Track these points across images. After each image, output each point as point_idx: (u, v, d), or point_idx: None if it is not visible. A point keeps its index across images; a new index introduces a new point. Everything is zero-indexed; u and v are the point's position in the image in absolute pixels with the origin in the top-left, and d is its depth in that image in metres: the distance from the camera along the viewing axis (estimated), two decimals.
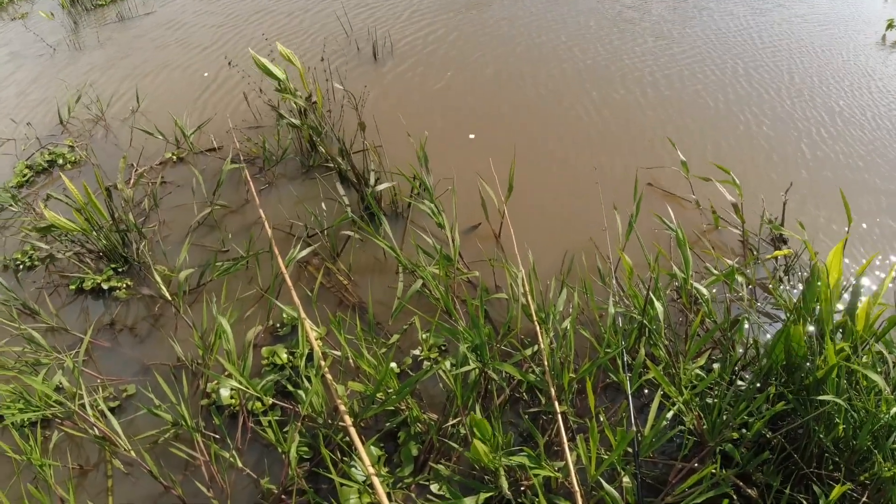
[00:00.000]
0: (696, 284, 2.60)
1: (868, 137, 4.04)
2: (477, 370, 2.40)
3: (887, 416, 2.04)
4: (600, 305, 2.82)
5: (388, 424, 2.56)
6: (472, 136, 3.91)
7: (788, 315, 2.47)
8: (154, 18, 6.78)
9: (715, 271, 3.00)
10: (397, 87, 4.53)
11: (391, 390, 2.45)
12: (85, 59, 6.12)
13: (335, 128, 3.80)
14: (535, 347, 2.62)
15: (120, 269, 3.44)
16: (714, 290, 2.96)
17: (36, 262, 3.66)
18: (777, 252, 3.15)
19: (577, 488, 2.15)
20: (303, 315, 2.78)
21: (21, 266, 3.66)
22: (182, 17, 6.65)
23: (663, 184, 3.65)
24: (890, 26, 5.70)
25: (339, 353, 2.69)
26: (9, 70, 6.16)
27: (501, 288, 3.01)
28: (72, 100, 4.96)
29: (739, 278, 2.91)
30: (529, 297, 2.71)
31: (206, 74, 5.11)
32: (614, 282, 2.96)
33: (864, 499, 2.09)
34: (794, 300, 2.90)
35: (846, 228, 2.82)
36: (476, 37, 5.33)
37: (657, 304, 2.48)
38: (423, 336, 2.80)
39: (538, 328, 2.61)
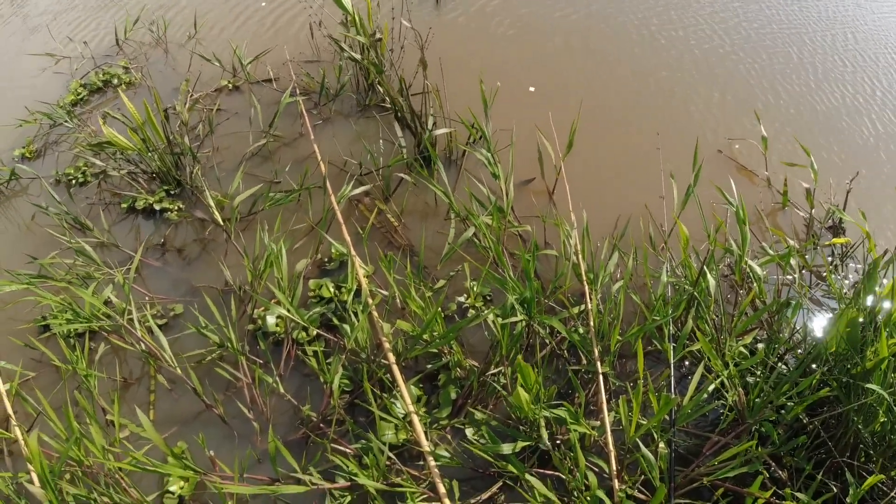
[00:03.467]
0: (750, 262, 2.55)
1: None
2: (523, 321, 2.41)
3: None
4: (652, 273, 2.78)
5: (429, 366, 2.59)
6: (532, 89, 3.83)
7: (843, 304, 2.42)
8: None
9: (770, 251, 2.94)
10: (458, 33, 4.43)
11: (436, 333, 2.47)
12: None
13: (395, 67, 3.74)
14: (582, 307, 2.61)
15: (172, 192, 3.49)
16: (767, 272, 2.91)
17: (89, 178, 3.72)
18: (835, 239, 3.07)
19: (611, 448, 2.17)
20: (352, 252, 2.80)
21: (74, 181, 3.72)
22: None
23: (736, 156, 3.56)
24: None
25: (386, 293, 2.71)
26: None
27: (552, 245, 2.98)
28: (129, 21, 4.95)
29: (794, 262, 2.85)
30: (580, 257, 2.69)
31: (263, 4, 5.03)
32: (668, 251, 2.92)
33: (893, 493, 2.09)
34: (847, 290, 2.85)
35: None
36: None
37: (710, 277, 2.44)
38: (471, 284, 2.80)
39: (586, 288, 2.59)
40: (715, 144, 3.59)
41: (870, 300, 2.29)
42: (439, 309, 2.35)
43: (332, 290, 2.84)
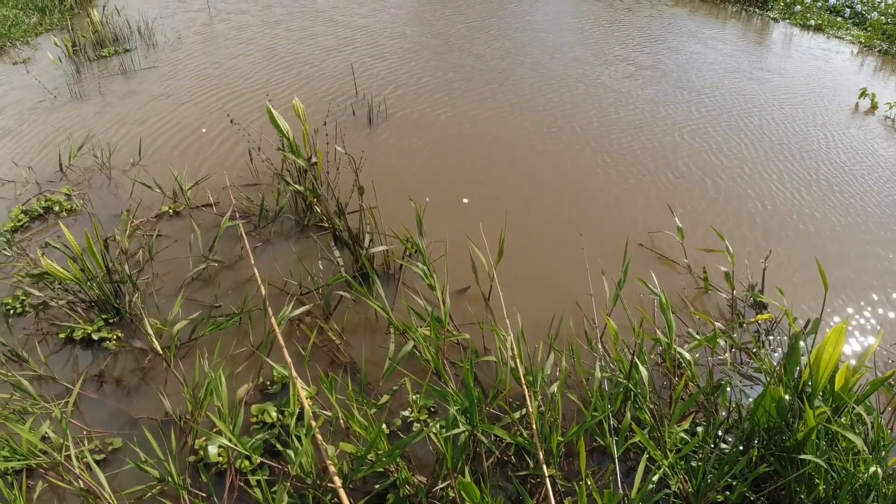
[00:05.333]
0: (679, 349, 2.70)
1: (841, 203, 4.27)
2: (466, 432, 2.44)
3: (866, 476, 2.11)
4: (587, 369, 2.89)
5: (377, 486, 2.57)
6: (465, 201, 4.05)
7: (769, 379, 2.57)
8: (156, 73, 6.97)
9: (697, 336, 3.10)
10: (391, 152, 4.70)
11: (381, 452, 2.47)
12: (86, 108, 6.25)
13: (331, 188, 3.91)
14: (524, 410, 2.67)
15: (111, 320, 3.46)
16: (698, 355, 3.06)
17: (27, 309, 3.66)
18: (759, 316, 3.28)
19: None
20: (294, 374, 2.82)
21: (11, 311, 3.65)
22: (183, 74, 6.84)
23: (655, 246, 3.80)
24: (862, 95, 6.06)
25: (329, 414, 2.71)
26: (10, 114, 6.27)
27: (490, 350, 3.07)
28: (73, 147, 5.05)
29: (722, 342, 3.02)
30: (518, 361, 2.78)
31: (203, 130, 5.24)
32: (600, 346, 3.05)
33: None
34: (775, 364, 3.01)
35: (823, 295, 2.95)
36: (470, 105, 5.57)
37: (642, 369, 2.56)
38: (414, 397, 2.83)
39: (526, 391, 2.66)
40: (637, 240, 3.84)
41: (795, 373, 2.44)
42: (383, 426, 2.37)
43: (274, 414, 2.82)
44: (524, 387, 2.69)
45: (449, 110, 5.39)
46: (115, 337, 3.35)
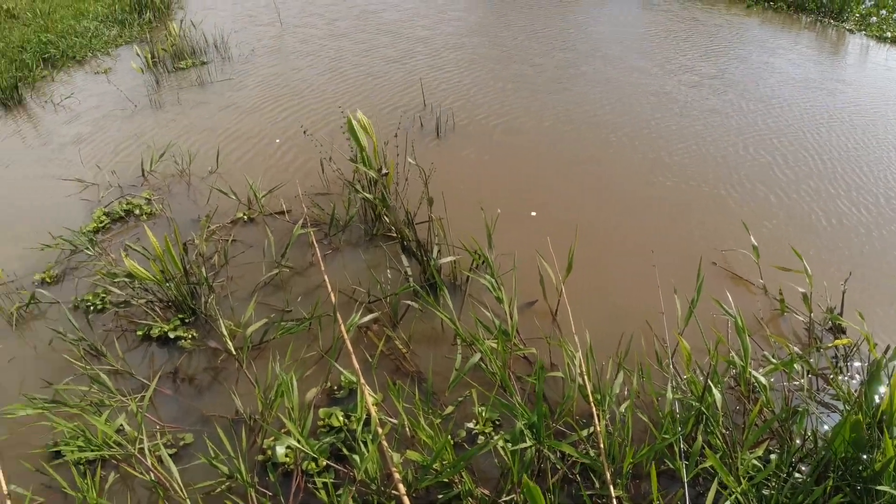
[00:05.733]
0: (754, 373, 2.60)
1: None
2: (533, 447, 2.42)
3: None
4: (657, 390, 2.82)
5: (440, 497, 2.57)
6: (533, 214, 4.04)
7: (847, 407, 2.45)
8: (231, 85, 7.26)
9: (773, 360, 2.99)
10: (459, 163, 4.75)
11: (446, 462, 2.48)
12: (165, 117, 6.57)
13: (401, 199, 3.98)
14: (591, 429, 2.62)
15: (187, 320, 3.60)
16: (773, 379, 2.94)
17: (107, 306, 3.85)
18: (837, 341, 3.13)
19: None
20: (361, 380, 2.86)
21: (91, 308, 3.85)
22: (256, 86, 7.10)
23: (728, 264, 3.70)
24: None
25: (395, 421, 2.74)
26: (92, 120, 6.65)
27: (557, 366, 3.04)
28: (155, 154, 5.31)
29: (799, 367, 2.89)
30: (586, 378, 2.74)
31: (277, 141, 5.43)
32: (672, 366, 2.97)
33: None
34: (853, 392, 2.87)
35: None
36: (534, 116, 5.56)
37: (715, 392, 2.49)
38: (479, 409, 2.83)
39: (594, 409, 2.62)
40: (709, 257, 3.74)
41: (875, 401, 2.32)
42: (448, 437, 2.38)
43: (341, 419, 2.87)
44: (592, 405, 2.65)
45: (513, 121, 5.41)
46: (190, 336, 3.48)
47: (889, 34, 9.04)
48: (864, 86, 6.88)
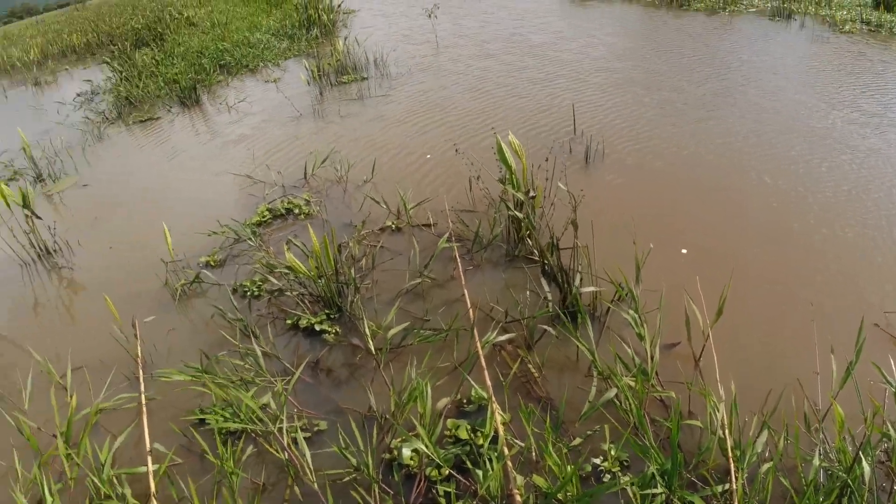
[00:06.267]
0: None
1: None
2: (663, 495, 2.32)
3: None
4: (803, 454, 2.61)
5: None
6: (684, 251, 3.90)
7: None
8: (388, 101, 7.72)
9: None
10: (608, 192, 4.69)
11: (570, 493, 2.44)
12: (325, 126, 7.11)
13: (547, 222, 4.00)
14: (727, 485, 2.47)
15: (333, 316, 3.85)
16: None
17: (262, 293, 4.21)
18: None
19: None
20: (492, 398, 2.90)
21: (248, 293, 4.23)
22: (411, 103, 7.49)
23: (893, 328, 3.34)
24: None
25: (522, 444, 2.75)
26: (261, 124, 7.34)
27: (695, 414, 2.90)
28: (318, 160, 5.77)
29: None
30: (727, 431, 2.59)
31: (428, 156, 5.69)
32: (821, 432, 2.73)
33: None
34: None
35: None
36: (688, 147, 5.35)
37: (865, 465, 2.26)
38: (609, 446, 2.76)
39: (732, 466, 2.46)
40: (871, 317, 3.39)
41: None
42: (576, 469, 2.35)
43: (468, 432, 2.92)
44: (731, 461, 2.49)
45: (665, 151, 5.23)
46: (334, 331, 3.72)
47: None
48: None
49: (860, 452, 2.25)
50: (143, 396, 3.36)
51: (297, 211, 5.12)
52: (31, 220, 5.33)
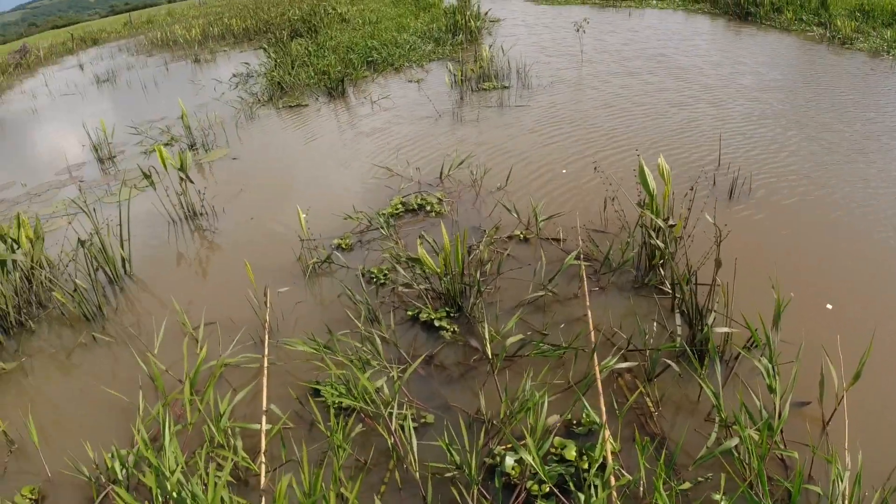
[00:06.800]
0: None
1: None
2: None
3: None
4: None
5: None
6: (829, 307, 3.63)
7: None
8: (528, 111, 7.77)
9: None
10: (752, 231, 4.45)
11: None
12: (463, 130, 7.28)
13: (685, 255, 3.87)
14: None
15: (453, 314, 3.96)
16: None
17: (387, 282, 4.41)
18: None
19: None
20: (605, 424, 2.87)
21: (374, 280, 4.44)
22: (550, 116, 7.49)
23: None
24: None
25: (631, 478, 2.69)
26: (403, 120, 7.64)
27: (815, 480, 2.71)
28: (455, 162, 5.95)
29: None
30: (847, 502, 2.40)
31: (564, 171, 5.68)
32: None
33: None
34: None
35: None
36: (842, 191, 4.95)
37: None
38: (720, 497, 2.65)
39: None
40: None
41: None
42: None
43: (574, 453, 2.90)
44: None
45: (825, 198, 4.86)
46: (452, 329, 3.82)
47: None
48: None
49: None
50: (265, 359, 3.65)
51: (429, 208, 5.31)
52: (185, 184, 5.93)
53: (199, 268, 5.25)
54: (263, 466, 2.95)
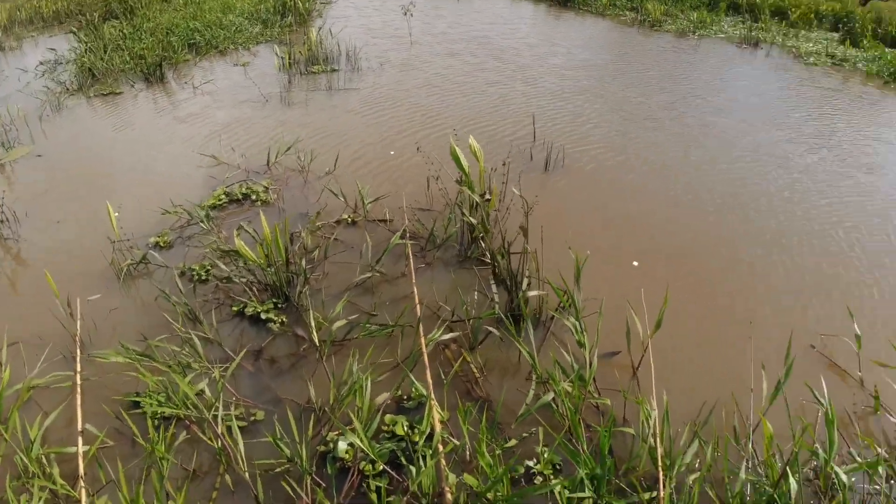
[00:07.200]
0: (836, 468, 2.44)
1: None
2: (591, 500, 2.37)
3: None
4: (731, 467, 2.69)
5: None
6: (635, 264, 3.98)
7: None
8: (358, 95, 7.65)
9: (858, 458, 2.78)
10: (564, 199, 4.75)
11: (500, 493, 2.47)
12: (290, 113, 7.01)
13: (500, 227, 4.03)
14: (654, 493, 2.53)
15: (280, 305, 3.80)
16: (854, 479, 2.74)
17: (209, 278, 4.13)
18: None
19: None
20: (432, 395, 2.91)
21: (195, 277, 4.14)
22: (378, 98, 7.45)
23: (827, 351, 3.47)
24: None
25: (457, 442, 2.76)
26: (228, 107, 7.20)
27: (630, 422, 2.96)
28: (282, 147, 5.70)
29: (883, 471, 2.68)
30: (658, 440, 2.65)
31: (391, 153, 5.67)
32: (750, 446, 2.83)
33: None
34: None
35: None
36: (644, 161, 5.47)
37: (792, 481, 2.35)
38: (542, 449, 2.80)
39: (661, 474, 2.53)
40: (807, 338, 3.53)
41: None
42: (507, 470, 2.37)
43: (405, 429, 2.92)
44: (660, 469, 2.55)
45: (625, 164, 5.35)
46: (279, 321, 3.67)
47: None
48: None
49: (787, 468, 2.33)
50: (77, 376, 3.26)
51: (254, 197, 5.05)
52: None
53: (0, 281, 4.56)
54: (83, 491, 2.63)
